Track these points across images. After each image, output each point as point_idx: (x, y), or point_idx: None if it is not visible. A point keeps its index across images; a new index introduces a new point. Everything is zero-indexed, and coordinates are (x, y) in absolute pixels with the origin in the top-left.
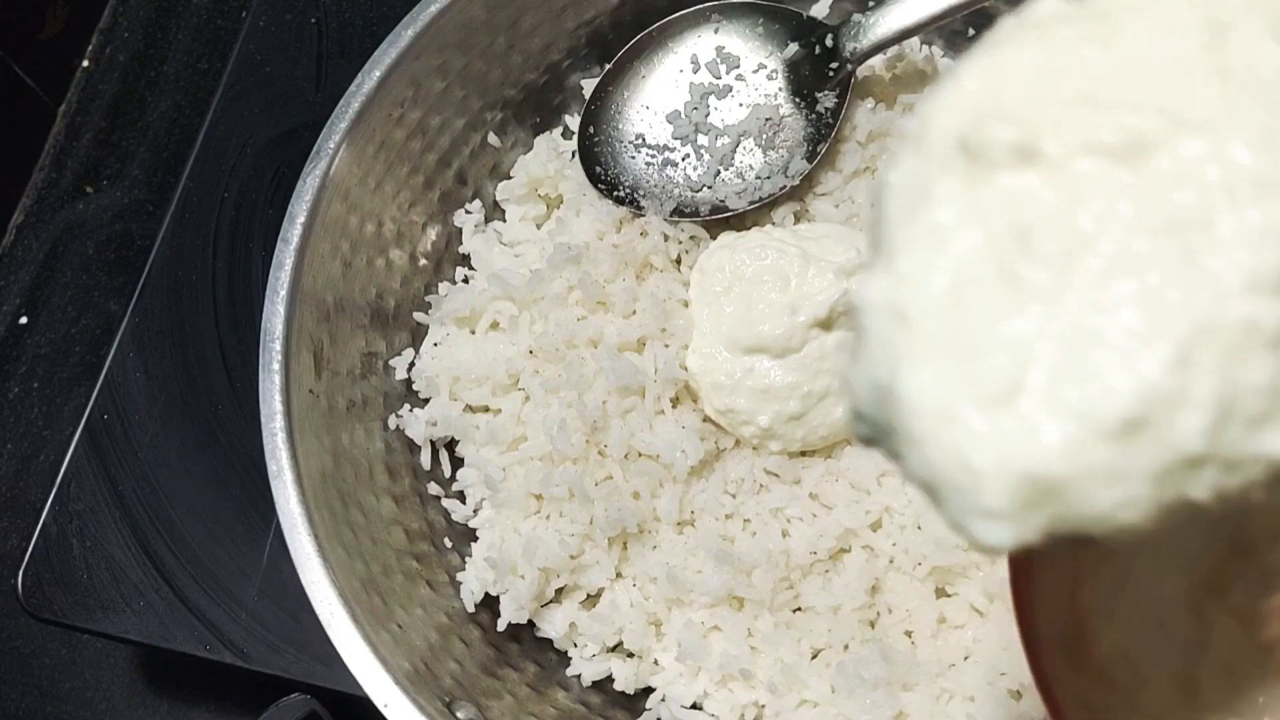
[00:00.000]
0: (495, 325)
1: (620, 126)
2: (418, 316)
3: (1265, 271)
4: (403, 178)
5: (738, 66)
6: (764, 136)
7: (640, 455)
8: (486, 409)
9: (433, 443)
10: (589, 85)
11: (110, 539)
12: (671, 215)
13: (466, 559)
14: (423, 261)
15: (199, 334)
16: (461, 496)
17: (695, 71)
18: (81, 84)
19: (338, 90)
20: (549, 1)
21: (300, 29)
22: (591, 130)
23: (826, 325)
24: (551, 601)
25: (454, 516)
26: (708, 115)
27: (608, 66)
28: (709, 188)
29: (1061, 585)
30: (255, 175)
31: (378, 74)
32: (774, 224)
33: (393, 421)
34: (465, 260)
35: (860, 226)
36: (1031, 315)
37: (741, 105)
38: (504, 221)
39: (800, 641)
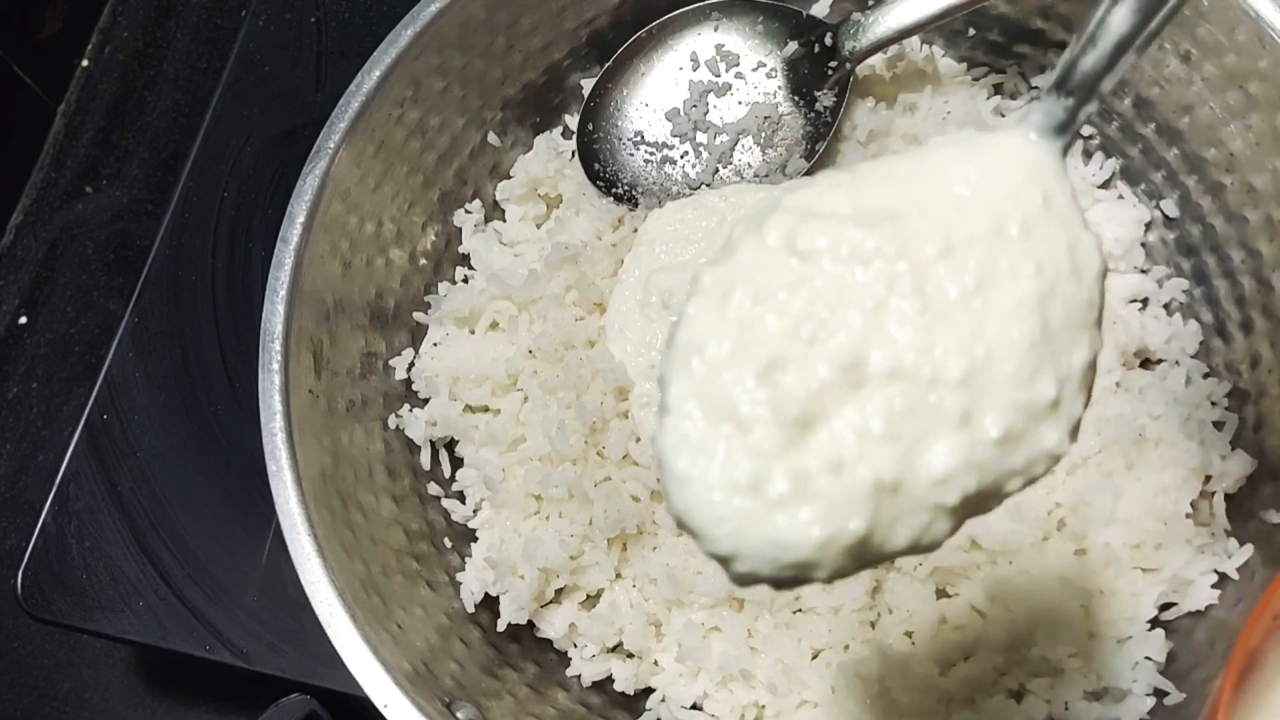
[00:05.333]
0: (495, 325)
1: (619, 124)
2: (417, 316)
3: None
4: (402, 177)
5: (737, 64)
6: (762, 135)
7: (635, 464)
8: (486, 409)
9: (432, 443)
10: (589, 85)
11: (109, 539)
12: None
13: (466, 559)
14: (422, 261)
15: (198, 334)
16: (461, 497)
17: (695, 69)
18: (81, 83)
19: (337, 90)
20: (548, 1)
21: (300, 28)
22: (590, 127)
23: None
24: (551, 602)
25: (454, 517)
26: (706, 113)
27: (607, 64)
28: (707, 185)
29: None
30: (255, 175)
31: (377, 73)
32: None
33: (392, 421)
34: (465, 260)
35: None
36: None
37: (740, 103)
38: (504, 221)
39: (800, 642)
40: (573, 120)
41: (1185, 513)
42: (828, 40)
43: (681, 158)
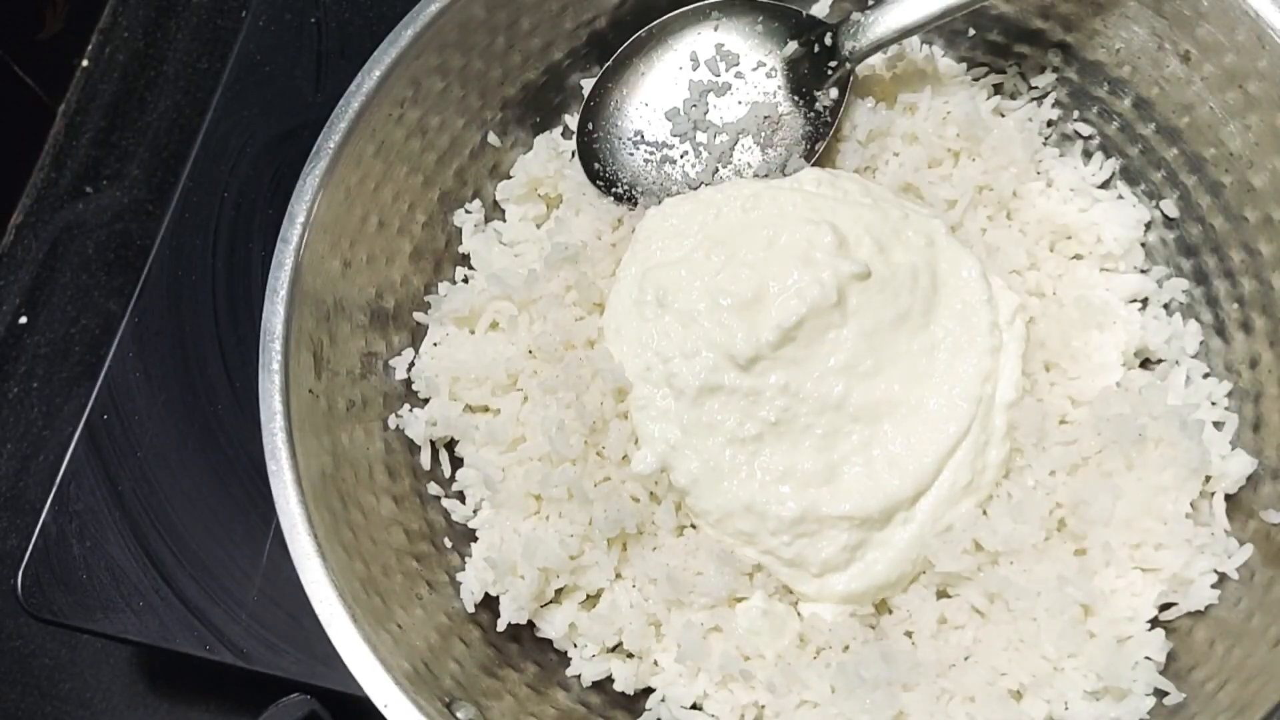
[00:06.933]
0: (495, 325)
1: (619, 123)
2: (417, 316)
3: None
4: (402, 177)
5: (737, 64)
6: (762, 134)
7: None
8: (486, 409)
9: (432, 443)
10: (589, 85)
11: (110, 539)
12: None
13: (466, 559)
14: (422, 261)
15: (199, 334)
16: (461, 496)
17: (694, 69)
18: (81, 84)
19: (337, 90)
20: (548, 1)
21: (300, 29)
22: (590, 126)
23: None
24: (551, 602)
25: (454, 516)
26: (706, 112)
27: (607, 64)
28: (707, 185)
29: None
30: (255, 175)
31: (377, 74)
32: None
33: (392, 421)
34: (465, 260)
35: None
36: None
37: (740, 103)
38: (504, 221)
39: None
40: (573, 120)
41: (1185, 513)
42: (827, 40)
43: (681, 157)
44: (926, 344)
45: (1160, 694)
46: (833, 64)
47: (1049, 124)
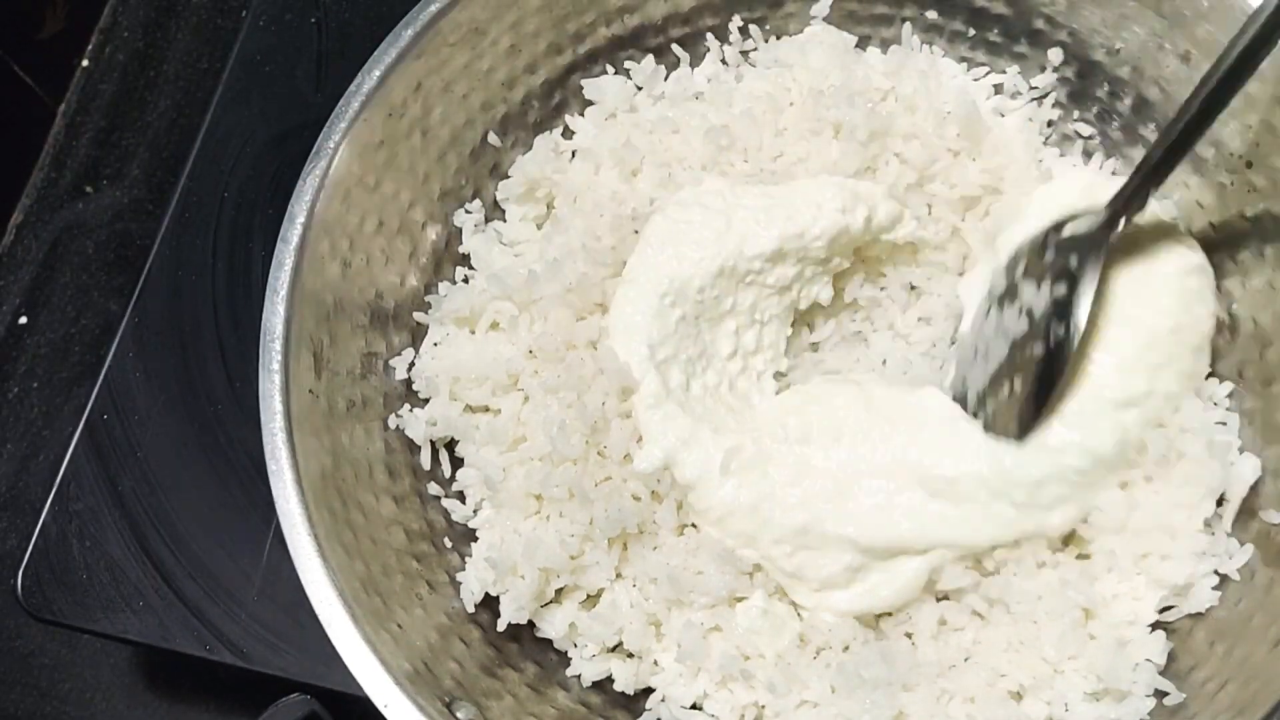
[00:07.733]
0: (495, 325)
1: None
2: (418, 316)
3: None
4: (402, 177)
5: None
6: None
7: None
8: (486, 409)
9: (433, 443)
10: (589, 85)
11: (110, 539)
12: None
13: (466, 559)
14: (423, 261)
15: (199, 334)
16: (461, 496)
17: None
18: (81, 84)
19: (338, 90)
20: (550, 3)
21: (300, 29)
22: None
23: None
24: (551, 602)
25: (454, 516)
26: None
27: None
28: None
29: None
30: (255, 175)
31: (377, 74)
32: None
33: (393, 421)
34: (465, 260)
35: None
36: None
37: None
38: (504, 221)
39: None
40: (573, 121)
41: (1197, 529)
42: None
43: None
44: None
45: (1160, 695)
46: None
47: (1049, 124)
